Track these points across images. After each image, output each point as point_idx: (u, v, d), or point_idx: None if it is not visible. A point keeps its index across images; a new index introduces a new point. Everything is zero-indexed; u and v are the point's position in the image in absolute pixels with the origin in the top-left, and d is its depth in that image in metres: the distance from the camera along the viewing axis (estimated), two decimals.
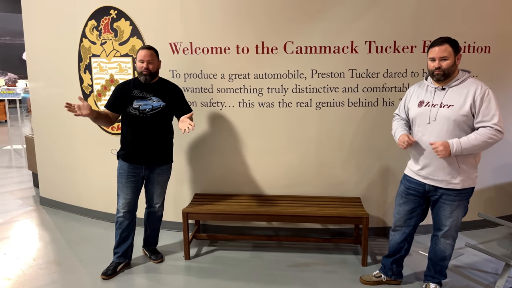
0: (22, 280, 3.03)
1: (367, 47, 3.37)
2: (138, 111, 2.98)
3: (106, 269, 3.09)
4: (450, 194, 2.55)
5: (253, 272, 3.14)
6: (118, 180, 3.09)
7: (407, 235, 2.81)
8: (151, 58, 2.95)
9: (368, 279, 2.97)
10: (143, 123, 2.99)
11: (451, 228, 2.63)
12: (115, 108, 3.04)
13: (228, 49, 3.44)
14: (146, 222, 3.32)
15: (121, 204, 3.10)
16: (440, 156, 2.43)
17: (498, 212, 3.81)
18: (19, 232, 3.91)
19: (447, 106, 2.46)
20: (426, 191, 2.63)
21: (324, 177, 3.62)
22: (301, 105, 3.49)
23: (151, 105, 2.99)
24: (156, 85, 3.05)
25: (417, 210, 2.73)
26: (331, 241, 3.54)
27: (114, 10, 3.63)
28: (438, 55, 2.44)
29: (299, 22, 3.35)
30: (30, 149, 5.16)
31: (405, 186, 2.73)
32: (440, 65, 2.44)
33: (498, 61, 3.52)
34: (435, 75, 2.49)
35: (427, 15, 3.33)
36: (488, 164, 3.73)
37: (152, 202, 3.24)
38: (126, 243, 3.15)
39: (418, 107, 2.58)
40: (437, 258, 2.75)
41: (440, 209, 2.62)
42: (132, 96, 3.00)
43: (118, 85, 3.11)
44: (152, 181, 3.16)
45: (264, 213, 3.28)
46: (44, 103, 4.30)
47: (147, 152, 3.03)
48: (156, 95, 3.02)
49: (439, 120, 2.47)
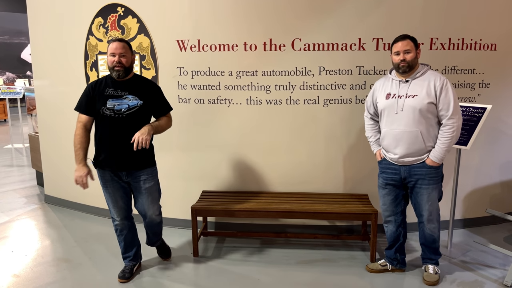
0: (31, 277, 3.02)
1: (374, 44, 3.38)
2: (113, 112, 2.69)
3: (122, 272, 2.97)
4: (425, 179, 2.77)
5: (262, 269, 3.15)
6: (103, 190, 2.86)
7: (399, 222, 3.00)
8: (124, 51, 2.68)
9: (374, 267, 3.11)
10: (119, 124, 2.70)
11: (432, 212, 2.85)
12: (89, 110, 2.74)
13: (236, 46, 3.45)
14: (145, 227, 3.09)
15: (114, 213, 2.91)
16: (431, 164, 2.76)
17: (505, 208, 3.83)
18: (26, 230, 3.90)
19: (412, 96, 2.71)
20: (402, 178, 2.85)
21: (332, 174, 3.63)
22: (309, 102, 3.50)
23: (127, 104, 2.71)
24: (131, 82, 2.77)
25: (399, 196, 2.96)
26: (339, 237, 3.55)
27: (121, 7, 3.62)
28: (402, 48, 2.70)
29: (307, 19, 3.36)
30: (33, 147, 5.15)
31: (383, 177, 2.95)
32: (404, 58, 2.70)
33: (504, 58, 3.54)
34: (400, 68, 2.75)
35: (434, 13, 3.35)
36: (494, 161, 3.76)
37: (145, 213, 2.95)
38: (133, 247, 3.05)
39: (386, 99, 2.81)
40: (428, 242, 2.95)
41: (418, 195, 2.85)
42: (105, 95, 2.71)
43: (89, 84, 2.83)
44: (139, 190, 2.87)
45: (273, 210, 3.28)
46: (50, 101, 4.29)
47: (125, 157, 2.74)
48: (132, 93, 2.73)
49: (406, 109, 2.72)
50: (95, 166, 2.83)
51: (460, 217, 3.81)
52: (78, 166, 2.73)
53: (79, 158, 2.72)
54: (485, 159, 3.65)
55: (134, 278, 3.02)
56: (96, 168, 2.83)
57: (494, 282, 2.92)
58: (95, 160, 2.83)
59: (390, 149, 2.84)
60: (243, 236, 3.66)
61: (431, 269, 2.95)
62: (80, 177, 2.70)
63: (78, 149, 2.73)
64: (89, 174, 2.73)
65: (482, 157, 3.71)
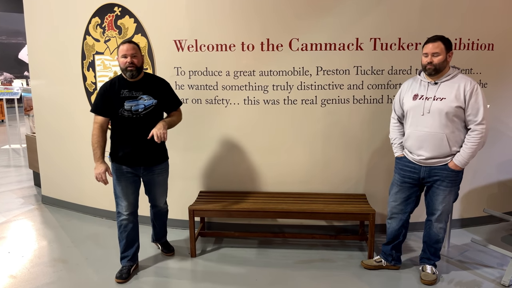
0: (28, 278, 3.01)
1: (372, 44, 3.38)
2: (131, 113, 2.83)
3: (119, 272, 2.99)
4: (444, 180, 2.75)
5: (260, 269, 3.14)
6: (116, 182, 2.95)
7: (404, 221, 2.99)
8: (134, 52, 2.79)
9: (369, 263, 3.13)
10: (137, 124, 2.85)
11: (443, 213, 2.84)
12: (106, 111, 2.86)
13: (233, 46, 3.44)
14: (153, 220, 3.31)
15: (123, 206, 2.97)
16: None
17: (501, 208, 3.83)
18: (23, 231, 3.89)
19: (440, 99, 2.67)
20: (421, 177, 2.82)
21: (329, 174, 3.62)
22: (306, 102, 3.49)
23: (143, 104, 2.85)
24: (143, 81, 2.90)
25: (412, 197, 2.94)
26: (336, 237, 3.55)
27: (118, 7, 3.61)
28: (431, 51, 2.67)
29: (304, 19, 3.35)
30: (30, 148, 5.13)
31: (400, 175, 2.92)
32: (432, 60, 2.66)
33: (501, 58, 3.54)
34: (427, 70, 2.70)
35: (432, 12, 3.35)
36: (492, 160, 3.76)
37: (156, 202, 3.19)
38: (134, 246, 3.07)
39: (413, 100, 2.78)
40: (431, 241, 2.94)
41: (434, 195, 2.83)
42: (121, 97, 2.83)
43: (102, 86, 2.93)
44: (153, 182, 3.07)
45: (270, 210, 3.28)
46: (47, 101, 4.27)
47: (144, 153, 2.91)
48: (146, 93, 2.87)
49: (433, 112, 2.68)
50: (111, 160, 2.95)
51: (458, 216, 3.82)
52: (97, 164, 2.87)
53: (97, 156, 2.86)
54: (483, 159, 3.65)
55: (131, 278, 3.01)
56: (112, 162, 2.95)
57: (491, 282, 2.92)
58: (112, 155, 2.95)
59: (413, 150, 2.81)
60: (240, 236, 3.65)
61: (428, 269, 2.95)
62: (99, 174, 2.85)
63: (96, 148, 2.86)
64: (108, 171, 2.88)
65: (479, 157, 3.68)
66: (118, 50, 2.82)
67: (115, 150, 2.93)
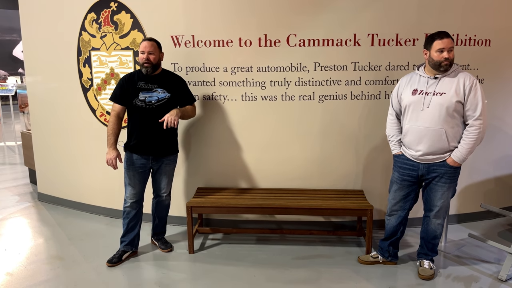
0: (24, 276, 2.99)
1: (369, 40, 3.38)
2: (144, 103, 3.02)
3: (111, 257, 3.15)
4: (442, 177, 2.76)
5: (258, 265, 3.14)
6: (125, 171, 3.12)
7: (403, 218, 3.00)
8: (152, 49, 2.98)
9: (366, 259, 3.14)
10: (150, 114, 3.03)
11: (441, 209, 2.85)
12: (123, 100, 3.07)
13: (230, 42, 3.42)
14: (154, 212, 3.37)
15: (128, 194, 3.14)
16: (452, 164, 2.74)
17: (498, 203, 3.85)
18: (19, 228, 3.86)
19: (440, 94, 2.67)
20: (420, 175, 2.83)
21: (327, 170, 3.62)
22: (304, 98, 3.49)
23: (157, 96, 3.03)
24: (160, 76, 3.09)
25: (411, 194, 2.95)
26: (334, 233, 3.55)
27: (114, 3, 3.58)
28: (448, 46, 2.63)
29: (302, 14, 3.34)
30: (26, 145, 5.09)
31: (399, 173, 2.92)
32: (449, 56, 2.63)
33: (498, 54, 3.55)
34: (442, 66, 2.65)
35: (429, 8, 3.35)
36: (489, 156, 3.78)
37: (160, 192, 3.28)
38: (133, 232, 3.21)
39: (412, 95, 2.76)
40: (429, 237, 2.96)
41: (432, 191, 2.84)
42: (137, 88, 3.04)
43: (123, 77, 3.13)
44: (160, 171, 3.21)
45: (268, 206, 3.27)
46: (42, 97, 4.24)
47: (154, 144, 3.08)
48: (161, 87, 3.06)
49: (433, 106, 2.67)
50: (125, 149, 3.13)
51: (455, 212, 3.83)
52: (109, 150, 3.07)
53: (110, 143, 3.06)
54: (480, 155, 3.66)
55: (121, 264, 3.13)
56: (126, 151, 3.13)
57: (489, 277, 2.94)
58: (126, 144, 3.13)
59: (412, 146, 2.79)
60: (238, 232, 3.65)
61: (426, 264, 2.97)
62: (110, 159, 3.05)
63: (110, 134, 3.06)
64: (118, 157, 3.08)
65: (476, 153, 3.69)
66: (139, 45, 3.02)
67: (129, 138, 3.13)
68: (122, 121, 3.13)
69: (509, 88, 3.68)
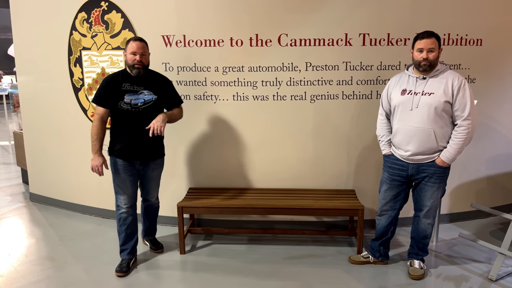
0: (15, 277, 2.98)
1: (361, 39, 3.37)
2: (130, 106, 2.88)
3: (119, 266, 3.02)
4: (432, 177, 2.76)
5: (250, 265, 3.13)
6: (114, 176, 2.99)
7: (393, 218, 3.01)
8: (144, 50, 2.86)
9: (357, 259, 3.15)
10: (136, 118, 2.90)
11: (431, 208, 2.86)
12: (107, 103, 2.90)
13: (222, 42, 3.41)
14: (144, 215, 3.33)
15: (122, 200, 3.01)
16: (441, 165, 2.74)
17: (490, 203, 3.86)
18: (10, 229, 3.84)
19: (428, 94, 2.67)
20: (409, 175, 2.83)
21: (319, 170, 3.62)
22: (296, 98, 3.48)
23: (143, 99, 2.90)
24: (146, 77, 2.95)
25: (401, 194, 2.95)
26: (326, 233, 3.55)
27: (105, 2, 3.56)
28: (427, 46, 2.64)
29: (293, 14, 3.33)
30: (18, 145, 5.06)
31: (389, 173, 2.92)
32: (427, 56, 2.64)
33: (490, 54, 3.55)
34: (421, 66, 2.68)
35: (421, 8, 3.34)
36: (480, 155, 3.78)
37: (148, 196, 3.22)
38: (133, 240, 3.10)
39: (401, 95, 2.77)
40: (419, 236, 2.97)
41: (422, 191, 2.84)
42: (122, 90, 2.88)
43: (105, 78, 2.98)
44: (148, 176, 3.11)
45: (260, 206, 3.27)
46: (33, 97, 4.21)
47: (140, 148, 2.96)
48: (147, 88, 2.93)
49: (421, 106, 2.67)
50: (109, 154, 2.98)
51: (446, 211, 3.84)
52: (94, 156, 2.92)
53: (95, 149, 2.91)
54: (471, 154, 3.67)
55: (131, 272, 3.03)
56: (110, 156, 2.98)
57: (479, 276, 2.94)
58: (110, 149, 2.98)
59: (402, 146, 2.80)
60: (230, 233, 3.64)
61: (416, 263, 2.97)
62: (96, 166, 2.92)
63: (95, 139, 2.90)
64: (104, 163, 2.95)
65: (468, 152, 3.71)
66: (127, 45, 2.86)
67: (113, 143, 2.97)
68: (106, 124, 2.94)
69: (500, 88, 3.68)
